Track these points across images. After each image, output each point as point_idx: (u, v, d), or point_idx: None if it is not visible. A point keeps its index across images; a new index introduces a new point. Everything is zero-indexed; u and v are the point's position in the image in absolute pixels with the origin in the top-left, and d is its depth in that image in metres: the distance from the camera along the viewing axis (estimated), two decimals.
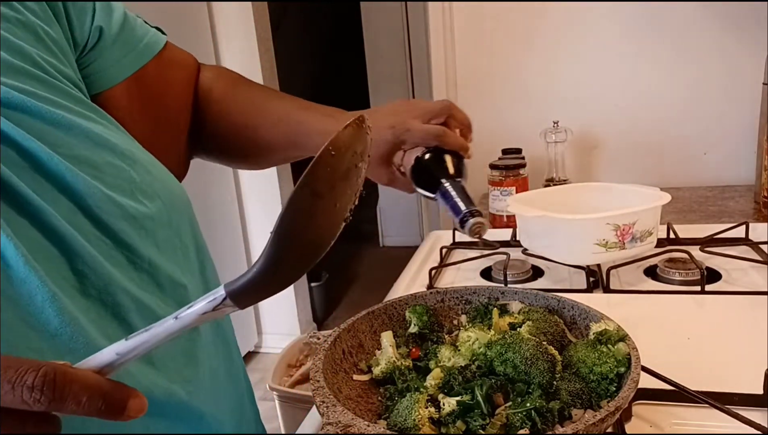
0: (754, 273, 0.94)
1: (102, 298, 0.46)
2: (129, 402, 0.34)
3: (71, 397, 0.32)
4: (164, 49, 0.67)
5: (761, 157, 1.34)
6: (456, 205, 0.66)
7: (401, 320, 0.65)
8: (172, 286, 0.53)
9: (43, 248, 0.44)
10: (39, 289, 0.41)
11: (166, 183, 0.56)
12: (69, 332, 0.42)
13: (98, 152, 0.50)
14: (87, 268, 0.46)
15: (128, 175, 0.52)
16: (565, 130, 1.52)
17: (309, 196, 0.36)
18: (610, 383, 0.51)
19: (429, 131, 0.70)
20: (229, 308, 0.36)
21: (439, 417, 0.49)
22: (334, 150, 0.37)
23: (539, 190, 1.12)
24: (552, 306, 0.63)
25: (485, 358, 0.54)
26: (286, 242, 0.36)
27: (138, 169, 0.53)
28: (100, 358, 0.36)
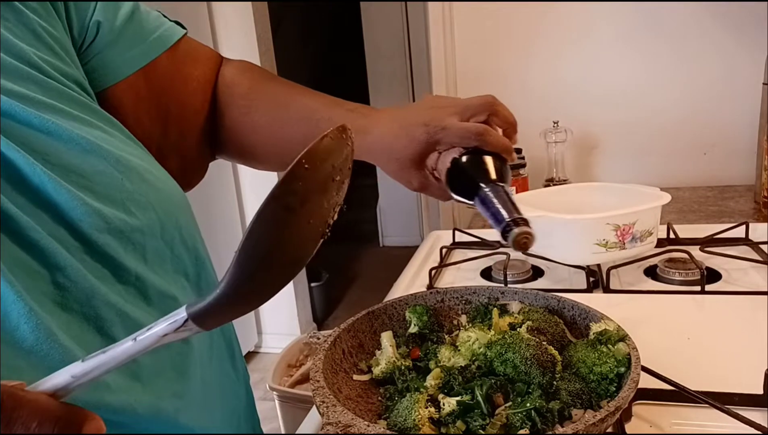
0: (754, 273, 0.94)
1: (84, 311, 0.45)
2: (84, 426, 0.31)
3: (19, 421, 0.30)
4: (180, 43, 0.64)
5: (761, 157, 1.34)
6: (498, 213, 0.57)
7: (401, 320, 0.65)
8: (161, 299, 0.51)
9: (22, 262, 0.42)
10: (15, 304, 0.40)
11: (163, 191, 0.54)
12: (45, 348, 0.41)
13: (89, 160, 0.48)
14: (69, 281, 0.44)
15: (120, 184, 0.49)
16: (565, 130, 1.52)
17: (279, 210, 0.33)
18: (610, 383, 0.51)
19: (468, 130, 0.63)
20: (192, 330, 0.34)
21: (439, 417, 0.49)
22: (307, 162, 0.34)
23: (539, 190, 1.12)
24: (552, 306, 0.63)
25: (485, 358, 0.54)
26: (253, 260, 0.33)
27: (132, 177, 0.51)
28: (53, 381, 0.33)
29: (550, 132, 1.53)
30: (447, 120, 0.63)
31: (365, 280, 3.63)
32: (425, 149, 0.63)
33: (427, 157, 0.64)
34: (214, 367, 0.57)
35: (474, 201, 0.60)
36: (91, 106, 0.53)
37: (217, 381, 0.57)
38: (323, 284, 3.09)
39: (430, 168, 0.65)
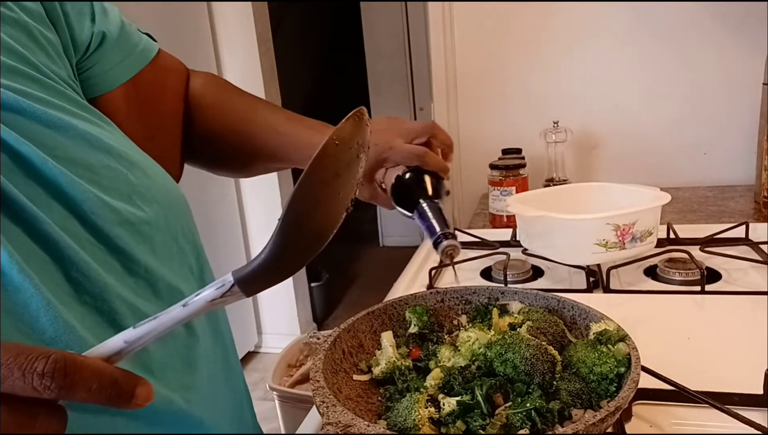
0: (754, 273, 0.94)
1: (97, 305, 0.46)
2: (137, 390, 0.34)
3: (81, 383, 0.32)
4: (157, 56, 0.68)
5: (761, 157, 1.34)
6: (431, 226, 0.68)
7: (401, 320, 0.65)
8: (169, 292, 0.52)
9: (37, 256, 0.43)
10: (34, 297, 0.41)
11: (165, 186, 0.56)
12: (65, 340, 0.42)
13: (95, 155, 0.49)
14: (82, 275, 0.45)
15: (125, 178, 0.51)
16: (565, 130, 1.52)
17: (316, 183, 0.38)
18: (610, 383, 0.51)
19: (410, 151, 0.72)
20: (235, 296, 0.37)
21: (439, 417, 0.49)
22: (338, 140, 0.38)
23: (539, 190, 1.12)
24: (552, 306, 0.63)
25: (485, 358, 0.54)
26: (293, 229, 0.37)
27: (135, 172, 0.52)
28: (108, 346, 0.36)
29: (550, 132, 1.53)
30: (393, 141, 0.72)
31: (365, 280, 3.63)
32: (374, 165, 0.74)
33: (377, 172, 0.75)
34: (218, 359, 0.59)
35: (413, 213, 0.70)
36: (88, 105, 0.55)
37: (221, 373, 0.59)
38: (323, 284, 3.09)
39: (379, 181, 0.75)
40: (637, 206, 0.90)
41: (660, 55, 1.56)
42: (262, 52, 2.52)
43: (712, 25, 1.50)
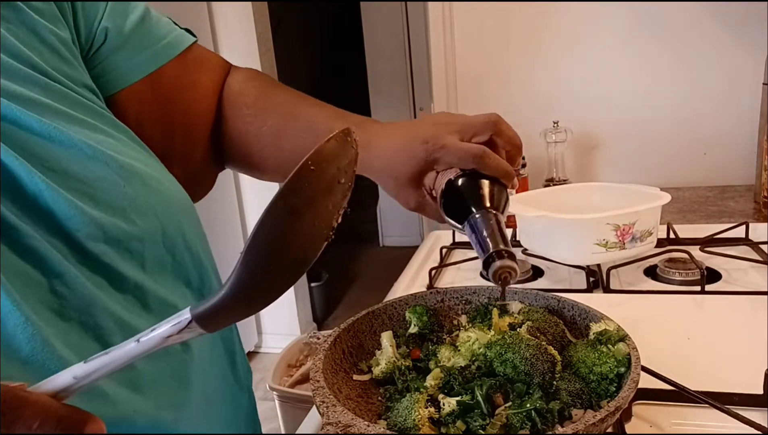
0: (754, 273, 0.94)
1: (82, 320, 0.44)
2: (86, 428, 0.31)
3: (21, 421, 0.30)
4: (190, 51, 0.64)
5: (761, 157, 1.34)
6: (483, 242, 0.53)
7: (401, 320, 0.65)
8: (161, 307, 0.50)
9: (19, 270, 0.41)
10: (11, 314, 0.39)
11: (166, 196, 0.53)
12: (41, 358, 0.40)
13: (90, 166, 0.47)
14: (67, 289, 0.43)
15: (121, 191, 0.49)
16: (565, 130, 1.52)
17: (285, 212, 0.33)
18: (610, 383, 0.51)
19: (467, 150, 0.58)
20: (194, 332, 0.34)
21: (439, 417, 0.49)
22: (313, 164, 0.34)
23: (539, 190, 1.12)
24: (552, 306, 0.63)
25: (485, 358, 0.54)
26: (258, 262, 0.33)
27: (134, 183, 0.50)
28: (55, 382, 0.33)
29: (550, 132, 1.53)
30: (446, 138, 0.59)
31: (365, 280, 3.63)
32: (423, 168, 0.60)
33: (426, 175, 0.61)
34: (215, 374, 0.57)
35: (464, 226, 0.56)
36: (97, 110, 0.53)
37: (218, 389, 0.57)
38: (323, 284, 3.09)
39: (428, 188, 0.62)
40: (637, 206, 0.90)
41: (660, 55, 1.56)
42: (262, 52, 2.52)
43: (712, 25, 1.50)
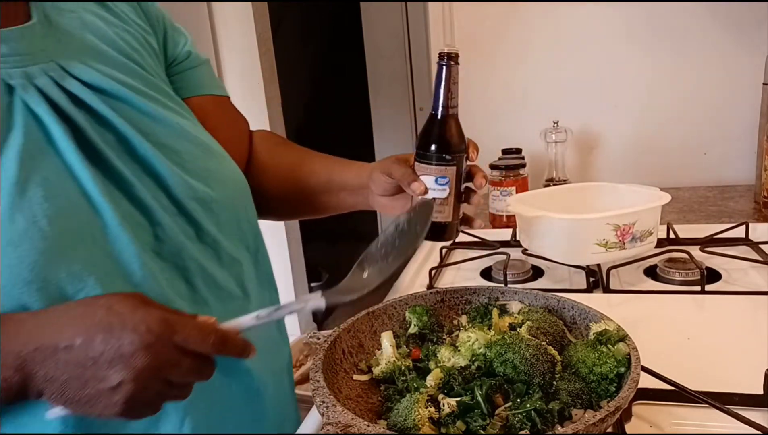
0: (754, 273, 0.94)
1: (175, 261, 0.58)
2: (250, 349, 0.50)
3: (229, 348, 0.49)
4: (227, 99, 0.81)
5: (761, 157, 1.34)
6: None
7: (401, 320, 0.65)
8: (231, 261, 0.64)
9: (131, 215, 0.55)
10: (128, 246, 0.53)
11: (234, 175, 0.68)
12: (149, 285, 0.53)
13: (181, 142, 0.62)
14: (165, 235, 0.57)
15: (204, 163, 0.64)
16: (565, 130, 1.52)
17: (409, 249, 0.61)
18: (610, 383, 0.51)
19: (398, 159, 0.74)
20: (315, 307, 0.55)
21: (439, 417, 0.49)
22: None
23: (539, 190, 1.12)
24: (552, 306, 0.63)
25: (485, 358, 0.54)
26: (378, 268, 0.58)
27: (212, 160, 0.65)
28: (242, 321, 0.50)
29: (550, 132, 1.53)
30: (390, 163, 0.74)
31: None
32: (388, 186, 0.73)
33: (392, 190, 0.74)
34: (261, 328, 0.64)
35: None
36: (178, 100, 0.68)
37: (265, 337, 0.68)
38: (323, 284, 3.10)
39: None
40: (637, 206, 0.90)
41: (660, 55, 1.56)
42: (262, 52, 2.52)
43: (712, 25, 1.50)
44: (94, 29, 0.63)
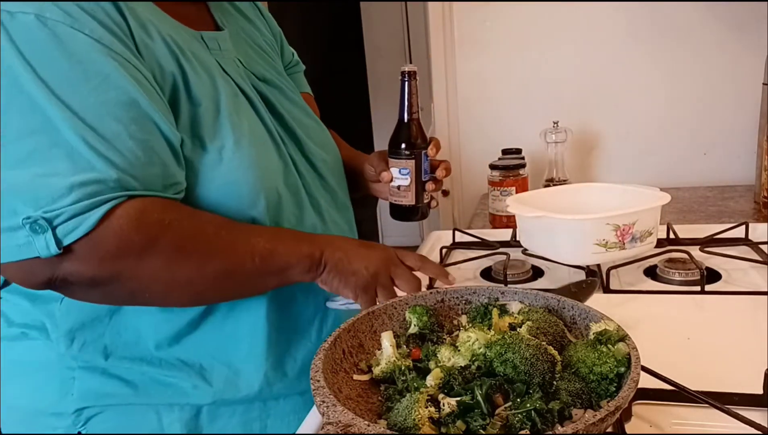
0: (754, 273, 0.94)
1: (311, 202, 0.83)
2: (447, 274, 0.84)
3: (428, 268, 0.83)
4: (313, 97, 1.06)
5: (761, 157, 1.34)
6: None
7: (401, 320, 0.65)
8: (344, 208, 0.92)
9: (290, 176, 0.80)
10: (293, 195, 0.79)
11: (336, 149, 0.95)
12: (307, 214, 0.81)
13: (307, 119, 0.89)
14: (305, 183, 0.83)
15: (320, 136, 0.91)
16: (565, 130, 1.52)
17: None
18: (610, 383, 0.51)
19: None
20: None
21: (439, 417, 0.49)
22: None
23: (539, 190, 1.12)
24: (552, 306, 0.63)
25: (485, 358, 0.54)
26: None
27: (324, 132, 0.93)
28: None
29: (550, 132, 1.53)
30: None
31: None
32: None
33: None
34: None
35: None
36: (296, 90, 0.93)
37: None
38: None
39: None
40: (637, 206, 0.90)
41: (660, 56, 1.56)
42: None
43: (712, 25, 1.51)
44: (246, 32, 0.89)
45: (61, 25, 0.61)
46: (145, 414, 0.74)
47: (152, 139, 0.64)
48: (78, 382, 0.73)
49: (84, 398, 0.73)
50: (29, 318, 0.75)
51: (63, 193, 0.58)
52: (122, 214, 0.61)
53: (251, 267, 0.68)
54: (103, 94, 0.61)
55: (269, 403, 0.80)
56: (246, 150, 0.72)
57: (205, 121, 0.70)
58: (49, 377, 0.74)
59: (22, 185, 0.59)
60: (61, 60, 0.60)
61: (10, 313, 0.77)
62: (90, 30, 0.62)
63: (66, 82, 0.60)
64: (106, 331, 0.73)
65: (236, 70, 0.79)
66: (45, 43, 0.60)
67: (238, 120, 0.73)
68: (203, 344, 0.75)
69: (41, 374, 0.75)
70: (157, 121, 0.65)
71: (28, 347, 0.75)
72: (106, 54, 0.62)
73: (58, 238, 0.59)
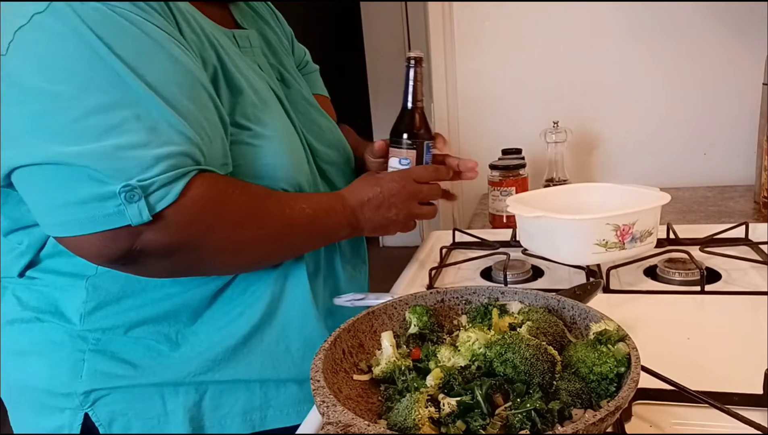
0: (754, 273, 0.94)
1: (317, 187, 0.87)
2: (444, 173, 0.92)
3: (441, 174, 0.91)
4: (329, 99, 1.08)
5: (761, 157, 1.34)
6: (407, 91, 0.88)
7: (401, 320, 0.65)
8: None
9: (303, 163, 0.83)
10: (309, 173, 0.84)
11: (346, 143, 0.98)
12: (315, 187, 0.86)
13: (320, 118, 0.93)
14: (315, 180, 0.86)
15: (332, 135, 0.94)
16: (565, 130, 1.52)
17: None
18: (610, 383, 0.51)
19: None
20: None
21: (439, 417, 0.49)
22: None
23: (539, 190, 1.12)
24: (552, 306, 0.63)
25: (485, 358, 0.54)
26: None
27: (335, 131, 0.95)
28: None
29: (550, 132, 1.53)
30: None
31: None
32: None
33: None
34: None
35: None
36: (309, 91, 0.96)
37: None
38: None
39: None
40: (637, 206, 0.90)
41: (660, 55, 1.56)
42: None
43: (712, 25, 1.51)
44: (263, 32, 0.91)
45: (130, 14, 0.65)
46: (151, 397, 0.77)
47: (215, 120, 0.70)
48: (87, 364, 0.76)
49: (92, 380, 0.76)
50: (42, 302, 0.78)
51: (151, 164, 0.63)
52: (199, 184, 0.67)
53: (301, 231, 0.78)
54: (179, 75, 0.67)
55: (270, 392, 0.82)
56: (284, 137, 0.79)
57: (244, 110, 0.76)
58: (61, 359, 0.77)
59: (106, 156, 0.61)
60: (137, 40, 0.65)
61: (23, 296, 0.80)
62: (155, 19, 0.68)
63: (145, 60, 0.64)
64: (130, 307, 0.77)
65: (266, 68, 0.86)
66: (120, 26, 0.64)
67: (275, 110, 0.80)
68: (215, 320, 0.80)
69: (54, 356, 0.77)
70: (218, 105, 0.71)
71: (42, 330, 0.78)
72: (171, 41, 0.68)
73: (151, 205, 0.63)
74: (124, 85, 0.62)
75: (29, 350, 0.79)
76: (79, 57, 0.62)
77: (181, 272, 0.75)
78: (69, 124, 0.61)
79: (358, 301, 0.80)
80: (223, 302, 0.79)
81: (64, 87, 0.61)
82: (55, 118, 0.61)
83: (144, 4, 0.67)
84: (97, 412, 0.77)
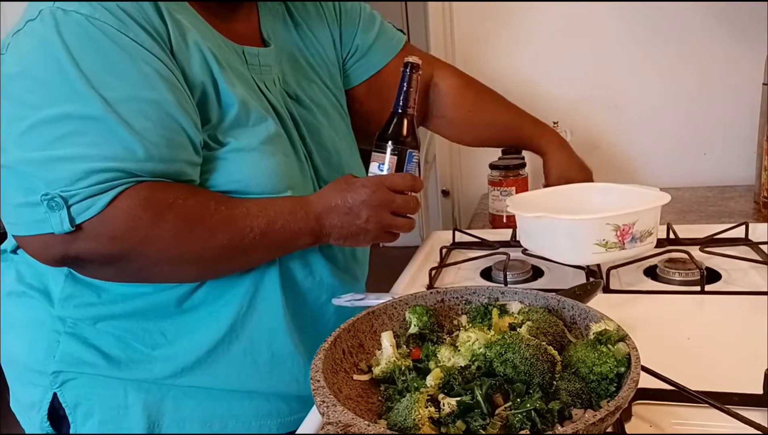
0: (754, 273, 0.94)
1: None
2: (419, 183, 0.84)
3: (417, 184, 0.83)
4: (403, 49, 1.06)
5: (761, 157, 1.34)
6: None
7: (401, 320, 0.65)
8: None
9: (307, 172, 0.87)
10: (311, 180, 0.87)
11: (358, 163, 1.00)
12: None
13: (332, 141, 0.92)
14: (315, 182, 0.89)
15: (341, 158, 0.94)
16: (565, 130, 1.52)
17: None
18: (610, 383, 0.51)
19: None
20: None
21: (439, 417, 0.49)
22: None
23: (539, 191, 1.12)
24: (552, 306, 0.63)
25: (485, 358, 0.54)
26: None
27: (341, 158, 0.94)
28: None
29: None
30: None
31: None
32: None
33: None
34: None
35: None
36: (335, 103, 0.97)
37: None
38: None
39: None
40: (637, 206, 0.90)
41: (660, 55, 1.56)
42: None
43: (712, 25, 1.51)
44: (291, 46, 0.92)
45: (108, 27, 0.67)
46: (115, 388, 0.78)
47: (177, 138, 0.70)
48: (62, 346, 0.79)
49: (63, 362, 0.79)
50: (35, 279, 0.81)
51: (81, 177, 0.64)
52: (130, 195, 0.67)
53: (252, 241, 0.73)
54: (140, 92, 0.68)
55: (234, 402, 0.82)
56: (267, 156, 0.77)
57: (229, 126, 0.76)
58: (41, 337, 0.80)
59: (46, 165, 0.64)
60: (104, 58, 0.67)
61: (23, 271, 0.83)
62: (134, 34, 0.68)
63: (106, 78, 0.66)
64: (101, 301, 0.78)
65: (273, 87, 0.85)
66: (91, 41, 0.66)
67: (262, 129, 0.78)
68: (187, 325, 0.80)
69: (35, 333, 0.81)
70: (184, 124, 0.70)
71: (27, 305, 0.81)
72: (145, 57, 0.69)
73: (72, 216, 0.65)
74: (80, 100, 0.65)
75: (17, 324, 0.83)
76: (45, 67, 0.66)
77: (131, 279, 0.76)
78: (24, 131, 0.65)
79: (358, 301, 0.80)
80: (191, 308, 0.79)
81: (30, 96, 0.66)
82: (17, 125, 0.66)
83: (130, 15, 0.69)
84: (64, 393, 0.79)
